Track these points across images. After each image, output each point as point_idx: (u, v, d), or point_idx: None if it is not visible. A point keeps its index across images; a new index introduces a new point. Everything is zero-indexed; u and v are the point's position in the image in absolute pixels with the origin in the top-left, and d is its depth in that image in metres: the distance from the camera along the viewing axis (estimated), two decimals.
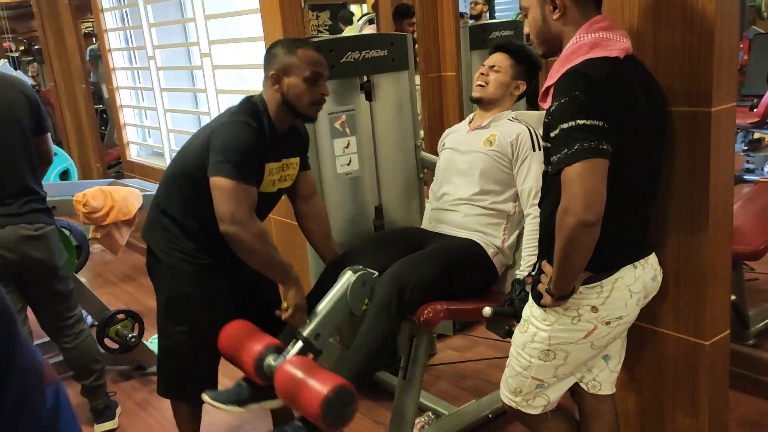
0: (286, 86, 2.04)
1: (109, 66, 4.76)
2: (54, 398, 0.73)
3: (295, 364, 1.95)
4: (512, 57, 2.40)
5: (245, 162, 1.94)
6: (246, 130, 1.98)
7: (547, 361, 1.75)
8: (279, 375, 1.95)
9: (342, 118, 2.72)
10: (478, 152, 2.36)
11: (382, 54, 2.78)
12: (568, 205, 1.48)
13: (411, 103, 2.94)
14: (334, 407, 1.84)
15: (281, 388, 1.95)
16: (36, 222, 2.46)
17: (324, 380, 1.87)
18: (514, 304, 2.04)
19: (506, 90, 2.40)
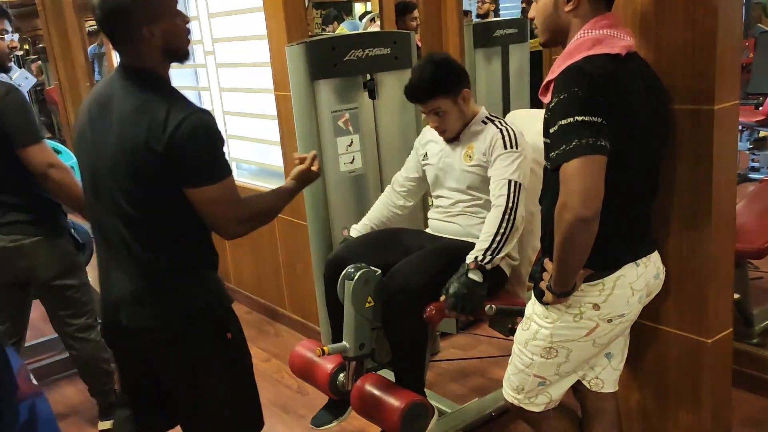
0: (161, 34, 1.61)
1: (113, 64, 4.77)
2: (28, 413, 0.72)
3: (369, 383, 2.17)
4: (437, 94, 2.22)
5: (222, 154, 1.73)
6: (209, 122, 1.69)
7: (549, 358, 1.75)
8: (355, 393, 2.17)
9: (345, 116, 2.72)
10: (461, 170, 2.30)
11: (385, 52, 2.78)
12: (566, 201, 1.48)
13: None
14: (411, 420, 2.07)
15: (358, 405, 2.18)
16: (12, 233, 2.41)
17: (399, 396, 2.09)
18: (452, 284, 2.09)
19: (460, 113, 2.27)
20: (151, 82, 1.63)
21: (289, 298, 3.58)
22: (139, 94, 1.61)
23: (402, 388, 2.18)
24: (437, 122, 2.28)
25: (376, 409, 2.13)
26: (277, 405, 2.89)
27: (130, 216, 1.65)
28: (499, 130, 2.24)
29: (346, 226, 2.77)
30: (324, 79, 2.65)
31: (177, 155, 1.56)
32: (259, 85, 3.40)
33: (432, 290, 2.12)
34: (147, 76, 1.63)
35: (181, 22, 1.65)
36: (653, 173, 1.73)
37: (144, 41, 1.59)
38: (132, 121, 1.59)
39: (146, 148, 1.56)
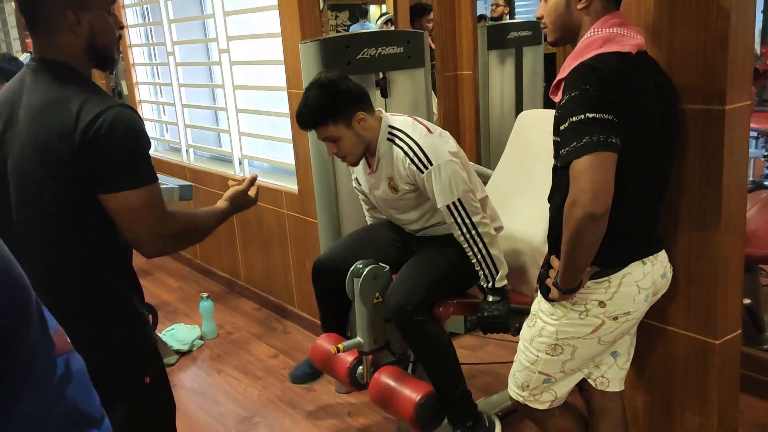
0: (88, 26, 1.41)
1: (129, 62, 4.82)
2: (64, 366, 0.75)
3: (386, 375, 2.22)
4: (325, 120, 2.12)
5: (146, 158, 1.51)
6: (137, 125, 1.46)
7: (555, 355, 1.75)
8: (373, 386, 2.23)
9: None
10: (395, 200, 2.26)
11: (398, 51, 2.79)
12: (575, 197, 1.48)
13: (426, 100, 2.95)
14: (426, 411, 2.11)
15: (376, 397, 2.24)
16: None
17: (415, 388, 2.13)
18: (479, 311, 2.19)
19: (358, 137, 2.14)
20: (66, 76, 1.41)
21: (298, 296, 3.59)
22: (51, 89, 1.38)
23: (418, 380, 2.20)
24: (334, 149, 2.15)
25: (393, 401, 2.17)
26: (283, 401, 2.90)
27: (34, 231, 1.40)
28: (404, 151, 2.09)
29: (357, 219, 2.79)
30: None
31: (91, 154, 1.33)
32: (272, 82, 3.43)
33: (429, 302, 2.14)
34: (62, 69, 1.41)
35: (113, 21, 1.48)
36: (663, 172, 1.73)
37: (67, 28, 1.39)
38: (41, 119, 1.36)
39: (56, 147, 1.33)
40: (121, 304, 1.46)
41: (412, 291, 2.12)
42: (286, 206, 3.45)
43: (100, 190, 1.36)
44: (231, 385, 3.09)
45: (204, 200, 4.16)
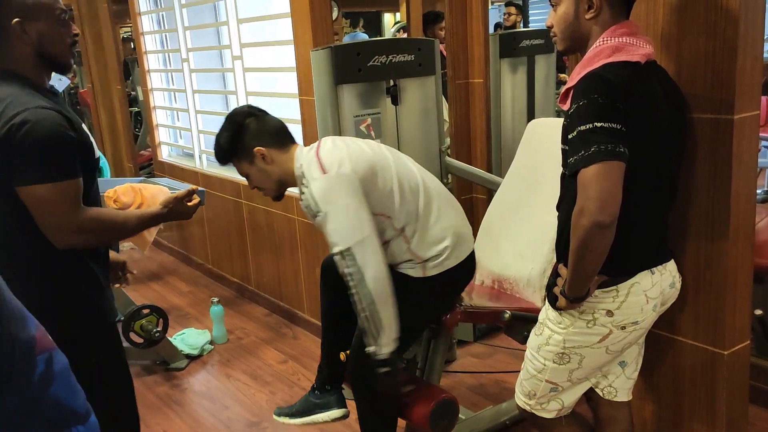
0: (36, 34, 1.58)
1: (144, 68, 4.87)
2: (45, 365, 0.76)
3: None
4: (232, 157, 2.08)
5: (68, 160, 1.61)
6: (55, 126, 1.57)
7: (562, 364, 1.75)
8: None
9: (367, 120, 2.75)
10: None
11: (409, 58, 2.81)
12: (583, 206, 1.48)
13: (437, 108, 2.96)
14: (439, 417, 2.08)
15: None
16: None
17: (428, 393, 2.11)
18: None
19: (264, 174, 2.05)
20: (8, 81, 1.56)
21: (308, 302, 3.60)
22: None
23: (431, 385, 2.21)
24: (257, 183, 2.10)
25: (406, 406, 2.15)
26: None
27: None
28: (304, 200, 1.99)
29: None
30: (348, 83, 2.68)
31: (6, 149, 1.49)
32: (284, 89, 3.46)
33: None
34: (7, 74, 1.57)
35: (63, 29, 1.62)
36: (671, 182, 1.72)
37: (14, 37, 1.54)
38: None
39: None
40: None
41: (351, 360, 2.12)
42: (297, 212, 3.47)
43: (15, 183, 1.52)
44: (240, 390, 3.11)
45: (216, 205, 4.19)
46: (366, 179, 1.94)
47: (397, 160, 2.09)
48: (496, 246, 2.58)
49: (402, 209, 2.01)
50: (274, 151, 2.03)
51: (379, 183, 1.98)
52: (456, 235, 2.07)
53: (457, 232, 2.08)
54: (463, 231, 2.13)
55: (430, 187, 2.11)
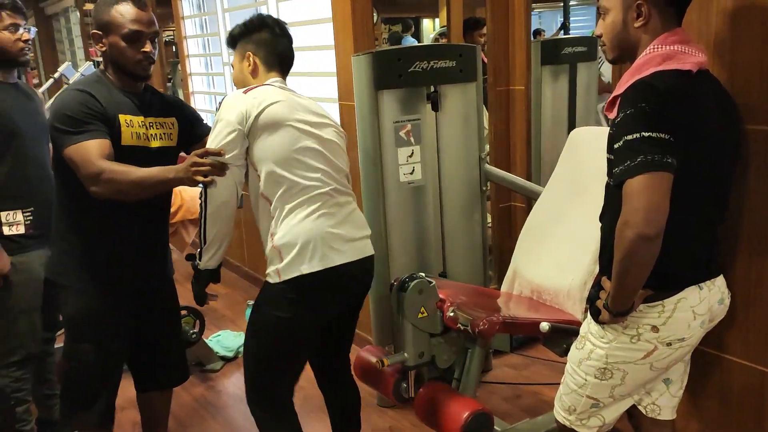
0: (108, 45, 1.99)
1: (186, 71, 4.94)
2: None
3: (432, 390, 2.20)
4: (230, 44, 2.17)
5: (77, 122, 1.91)
6: (70, 97, 1.96)
7: (604, 380, 1.71)
8: (418, 401, 2.21)
9: (407, 126, 2.73)
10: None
11: (451, 65, 2.78)
12: (628, 218, 1.44)
13: (477, 115, 2.93)
14: (473, 430, 2.06)
15: (421, 413, 2.22)
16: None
17: (462, 405, 2.09)
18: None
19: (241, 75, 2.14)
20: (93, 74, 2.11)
21: None
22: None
23: (464, 396, 2.18)
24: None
25: (439, 418, 2.14)
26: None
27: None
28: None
29: (402, 234, 2.79)
30: (388, 89, 2.67)
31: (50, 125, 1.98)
32: (324, 95, 3.46)
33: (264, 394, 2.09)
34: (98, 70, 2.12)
35: (131, 46, 1.97)
36: (722, 194, 1.67)
37: (96, 44, 1.98)
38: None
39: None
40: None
41: (247, 387, 2.12)
42: None
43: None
44: None
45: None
46: (263, 126, 1.92)
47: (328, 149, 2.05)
48: (536, 256, 2.54)
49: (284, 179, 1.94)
50: (261, 66, 2.10)
51: (275, 139, 1.94)
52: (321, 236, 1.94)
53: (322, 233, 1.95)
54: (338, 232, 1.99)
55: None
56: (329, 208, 1.99)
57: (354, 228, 2.05)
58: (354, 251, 2.02)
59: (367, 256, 2.08)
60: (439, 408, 2.14)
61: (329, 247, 1.95)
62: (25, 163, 2.41)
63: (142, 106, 2.08)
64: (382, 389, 2.35)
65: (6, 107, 2.39)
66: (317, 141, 2.01)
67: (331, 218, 1.98)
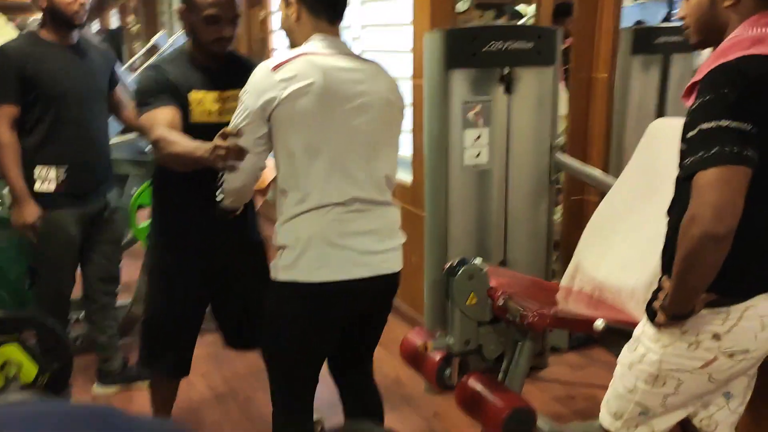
0: (189, 23, 2.04)
1: (269, 47, 4.99)
2: None
3: (475, 380, 2.11)
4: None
5: (145, 95, 2.01)
6: (143, 75, 2.11)
7: (655, 387, 1.58)
8: (460, 390, 2.13)
9: (477, 108, 2.65)
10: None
11: (528, 46, 2.67)
12: (695, 213, 1.32)
13: (552, 100, 2.80)
14: (514, 425, 1.98)
15: (462, 402, 2.14)
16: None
17: (504, 399, 2.01)
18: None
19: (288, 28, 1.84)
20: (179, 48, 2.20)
21: (402, 289, 3.54)
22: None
23: (508, 390, 2.11)
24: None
25: (480, 409, 2.09)
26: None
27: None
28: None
29: (465, 219, 2.71)
30: (460, 68, 2.59)
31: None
32: (399, 73, 3.40)
33: (288, 411, 1.96)
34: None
35: (208, 27, 1.99)
36: None
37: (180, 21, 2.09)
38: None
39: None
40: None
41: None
42: (399, 197, 3.42)
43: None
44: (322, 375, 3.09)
45: None
46: (283, 119, 1.70)
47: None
48: (601, 251, 2.40)
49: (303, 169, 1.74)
50: (306, 13, 1.77)
51: (294, 134, 1.73)
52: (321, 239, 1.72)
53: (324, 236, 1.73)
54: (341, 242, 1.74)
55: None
56: (343, 214, 1.74)
57: (376, 239, 1.79)
58: (368, 266, 1.77)
59: (385, 273, 1.82)
60: (480, 399, 2.07)
61: (333, 257, 1.72)
62: (64, 124, 2.52)
63: (219, 81, 2.07)
64: (425, 374, 2.30)
65: (54, 70, 2.50)
66: (344, 140, 1.74)
67: (344, 225, 1.75)
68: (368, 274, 1.78)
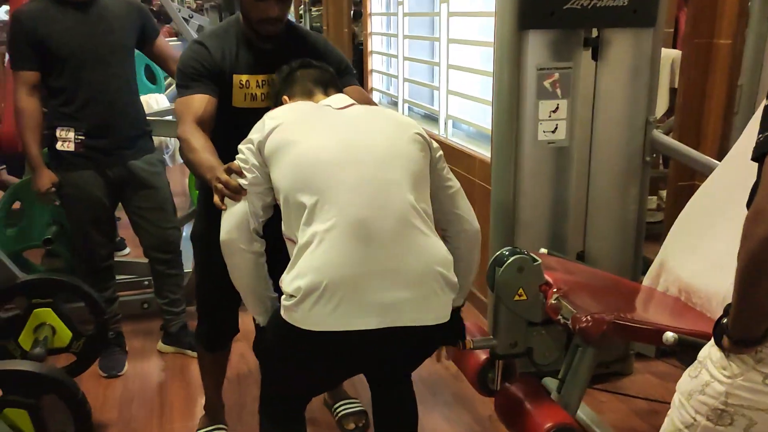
0: (240, 2, 1.91)
1: (367, 11, 4.81)
2: None
3: (518, 388, 1.91)
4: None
5: (185, 76, 1.92)
6: (187, 50, 1.98)
7: (720, 425, 1.25)
8: (501, 396, 1.94)
9: (554, 76, 2.31)
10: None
11: (621, 3, 2.28)
12: (763, 207, 0.99)
13: (650, 69, 2.40)
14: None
15: (501, 411, 1.97)
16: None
17: (547, 413, 1.78)
18: None
19: None
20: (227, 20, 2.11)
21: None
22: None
23: (554, 403, 1.83)
24: None
25: (519, 421, 1.84)
26: (427, 384, 2.65)
27: None
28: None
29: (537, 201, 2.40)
30: (535, 29, 2.26)
31: None
32: (487, 37, 3.10)
33: (270, 407, 1.80)
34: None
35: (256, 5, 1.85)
36: None
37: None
38: None
39: None
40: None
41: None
42: (477, 175, 3.13)
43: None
44: None
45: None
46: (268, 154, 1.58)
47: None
48: (691, 247, 2.02)
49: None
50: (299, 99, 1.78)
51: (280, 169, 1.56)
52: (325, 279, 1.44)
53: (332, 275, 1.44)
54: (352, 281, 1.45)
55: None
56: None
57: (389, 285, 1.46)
58: (374, 316, 1.46)
59: (401, 326, 1.48)
60: (521, 410, 1.81)
61: (329, 303, 1.44)
62: (80, 86, 2.47)
63: (268, 63, 1.93)
64: (467, 375, 2.05)
65: (62, 31, 2.43)
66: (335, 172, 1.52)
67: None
68: (378, 326, 1.49)
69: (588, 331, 1.67)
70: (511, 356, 1.90)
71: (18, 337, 2.18)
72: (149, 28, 2.66)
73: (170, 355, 2.88)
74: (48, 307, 2.14)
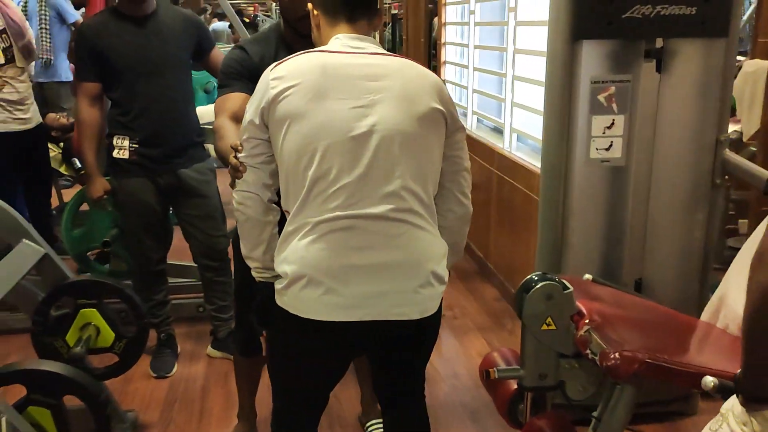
0: (280, 3, 1.97)
1: (441, 21, 4.73)
2: None
3: (547, 423, 1.79)
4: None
5: (225, 77, 1.98)
6: (229, 54, 2.04)
7: None
8: (527, 430, 1.81)
9: (610, 89, 2.15)
10: None
11: (689, 12, 2.10)
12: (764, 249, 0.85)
13: (722, 83, 2.19)
14: None
15: None
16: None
17: None
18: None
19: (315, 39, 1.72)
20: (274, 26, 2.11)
21: None
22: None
23: None
24: None
25: None
26: (467, 408, 2.54)
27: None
28: None
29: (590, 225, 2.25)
30: (590, 39, 2.11)
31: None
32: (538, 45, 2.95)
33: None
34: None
35: (294, 5, 1.87)
36: None
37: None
38: None
39: None
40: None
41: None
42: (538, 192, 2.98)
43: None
44: None
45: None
46: (275, 122, 1.52)
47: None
48: None
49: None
50: (324, 19, 1.62)
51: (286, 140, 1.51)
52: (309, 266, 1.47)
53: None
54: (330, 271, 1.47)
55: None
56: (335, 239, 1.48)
57: (377, 278, 1.48)
58: (360, 308, 1.48)
59: (386, 320, 1.50)
60: None
61: (317, 289, 1.47)
62: (135, 97, 2.55)
63: None
64: (496, 404, 1.93)
65: (120, 44, 2.51)
66: (342, 146, 1.48)
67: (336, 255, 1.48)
68: (363, 318, 1.51)
69: (616, 370, 1.52)
70: (541, 389, 1.77)
71: (65, 335, 2.26)
72: (204, 40, 2.73)
73: (217, 360, 2.91)
74: (93, 308, 2.20)
